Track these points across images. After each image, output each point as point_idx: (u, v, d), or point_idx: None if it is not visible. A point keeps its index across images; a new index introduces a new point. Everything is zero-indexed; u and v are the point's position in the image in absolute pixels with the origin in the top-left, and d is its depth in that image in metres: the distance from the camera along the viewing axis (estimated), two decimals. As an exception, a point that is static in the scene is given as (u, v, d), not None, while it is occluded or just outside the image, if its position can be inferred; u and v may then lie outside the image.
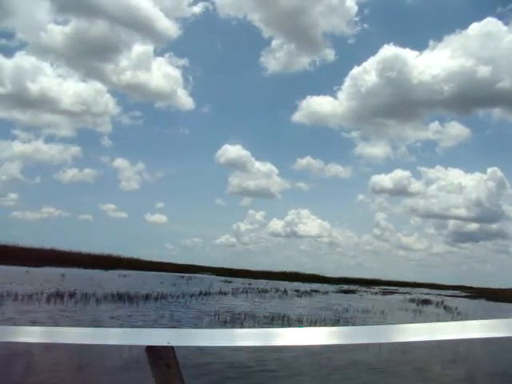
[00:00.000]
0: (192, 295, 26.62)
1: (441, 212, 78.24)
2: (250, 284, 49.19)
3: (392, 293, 56.41)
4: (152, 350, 1.93)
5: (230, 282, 52.33)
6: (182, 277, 52.68)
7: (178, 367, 1.96)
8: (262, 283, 54.19)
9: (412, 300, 41.08)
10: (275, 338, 2.01)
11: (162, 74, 78.38)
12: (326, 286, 61.28)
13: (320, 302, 31.40)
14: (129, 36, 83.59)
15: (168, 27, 75.26)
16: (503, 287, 66.58)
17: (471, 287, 74.67)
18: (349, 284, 67.12)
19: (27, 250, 52.78)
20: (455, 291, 67.76)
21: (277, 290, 41.26)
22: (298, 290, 42.72)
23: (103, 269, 50.58)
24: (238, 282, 51.59)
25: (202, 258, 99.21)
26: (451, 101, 69.51)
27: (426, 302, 39.44)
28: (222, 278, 57.63)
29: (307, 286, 53.86)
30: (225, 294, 32.50)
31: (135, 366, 3.49)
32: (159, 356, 1.93)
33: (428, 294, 58.63)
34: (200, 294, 28.08)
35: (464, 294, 64.23)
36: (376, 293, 54.71)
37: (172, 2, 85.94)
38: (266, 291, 38.62)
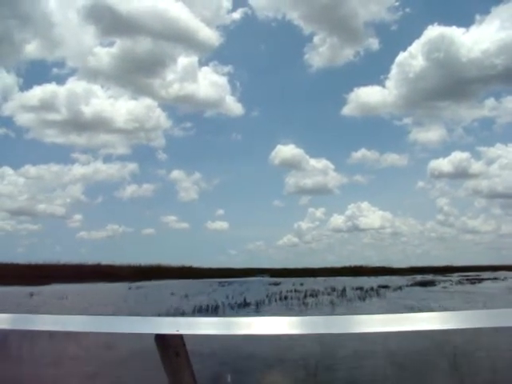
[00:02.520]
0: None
1: (506, 191, 70.28)
2: (301, 284, 40.55)
3: (479, 280, 43.67)
4: (161, 339, 1.92)
5: (277, 284, 41.95)
6: (222, 284, 45.77)
7: (187, 355, 1.95)
8: (318, 282, 45.75)
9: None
10: (287, 327, 1.98)
11: (209, 83, 74.24)
12: (395, 278, 51.75)
13: (394, 306, 19.81)
14: (172, 49, 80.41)
15: (210, 36, 71.19)
16: None
17: None
18: (419, 274, 60.56)
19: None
20: None
21: (333, 290, 30.08)
22: (361, 288, 31.12)
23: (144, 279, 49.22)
24: (289, 283, 42.72)
25: (267, 261, 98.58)
26: (505, 74, 62.15)
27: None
28: (274, 280, 51.02)
29: (374, 281, 43.99)
30: (255, 304, 23.18)
31: (144, 354, 2.83)
32: (168, 344, 1.91)
33: None
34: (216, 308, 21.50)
35: None
36: (459, 282, 42.26)
37: (211, 11, 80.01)
38: (315, 294, 27.60)
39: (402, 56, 67.09)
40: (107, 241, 78.74)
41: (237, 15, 71.76)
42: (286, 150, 73.59)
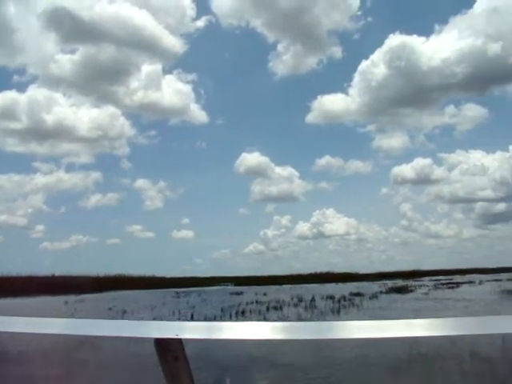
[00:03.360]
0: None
1: (467, 196, 71.47)
2: (265, 294, 36.39)
3: (455, 284, 40.32)
4: (160, 343, 1.91)
5: (239, 293, 37.65)
6: (179, 294, 41.30)
7: (187, 360, 1.93)
8: (284, 290, 42.95)
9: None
10: (283, 332, 2.05)
11: (173, 91, 73.42)
12: (365, 284, 48.87)
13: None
14: (136, 57, 79.63)
15: (174, 44, 70.36)
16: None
17: None
18: (387, 279, 59.88)
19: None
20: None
21: (300, 301, 25.66)
22: (332, 297, 26.79)
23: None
24: (252, 292, 39.28)
25: (233, 269, 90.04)
26: (464, 82, 63.58)
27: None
28: (237, 289, 47.45)
29: (343, 288, 40.41)
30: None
31: (143, 358, 2.81)
32: (167, 348, 1.90)
33: (498, 280, 45.61)
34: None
35: None
36: (435, 287, 38.83)
37: (175, 19, 78.28)
38: (280, 306, 23.16)
39: (364, 64, 67.55)
40: (71, 251, 75.43)
41: (201, 23, 71.18)
42: (251, 158, 72.96)
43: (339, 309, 22.23)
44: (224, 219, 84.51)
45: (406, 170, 69.61)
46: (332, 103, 71.66)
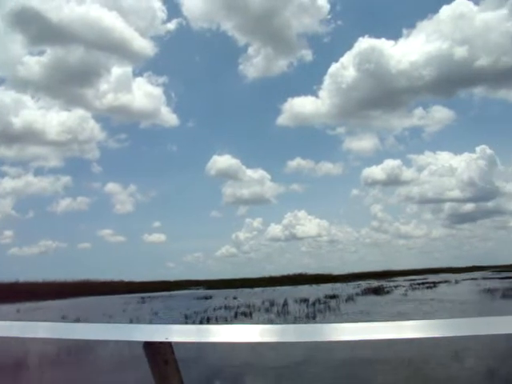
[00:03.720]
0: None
1: (436, 196, 73.55)
2: (235, 298, 34.30)
3: (433, 284, 38.80)
4: (150, 346, 1.91)
5: (208, 298, 35.61)
6: (144, 300, 38.04)
7: (176, 363, 1.92)
8: (256, 293, 41.29)
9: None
10: (274, 335, 2.01)
11: (144, 94, 73.40)
12: (339, 286, 47.33)
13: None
14: (106, 59, 77.85)
15: (144, 47, 70.68)
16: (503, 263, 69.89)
17: (495, 266, 73.27)
18: (359, 279, 59.07)
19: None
20: (485, 272, 63.27)
21: (271, 305, 23.67)
22: (305, 301, 24.76)
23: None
24: (222, 296, 36.58)
25: (205, 272, 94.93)
26: (432, 85, 65.45)
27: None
28: (207, 293, 45.17)
29: (317, 290, 39.06)
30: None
31: (133, 361, 2.84)
32: (157, 352, 1.90)
33: (474, 278, 45.32)
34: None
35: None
36: (412, 287, 37.24)
37: (145, 22, 78.77)
38: (250, 312, 21.20)
39: (334, 67, 68.42)
40: (40, 257, 73.85)
41: (171, 26, 71.22)
42: (222, 161, 73.14)
43: (314, 314, 20.23)
44: (196, 222, 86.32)
45: (376, 171, 70.95)
46: (302, 106, 72.76)
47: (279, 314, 21.10)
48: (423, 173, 72.33)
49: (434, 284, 37.39)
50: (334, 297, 27.70)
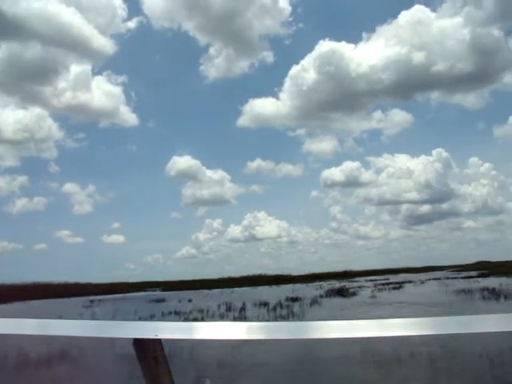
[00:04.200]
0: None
1: (393, 198, 73.17)
2: (190, 301, 31.84)
3: (398, 284, 37.12)
4: (140, 343, 1.89)
5: (161, 301, 32.72)
6: (90, 304, 35.37)
7: (166, 360, 1.91)
8: (213, 295, 38.53)
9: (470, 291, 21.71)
10: (264, 332, 2.01)
11: (103, 93, 71.01)
12: (300, 287, 45.40)
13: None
14: (64, 56, 75.68)
15: (103, 44, 67.73)
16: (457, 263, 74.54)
17: (456, 265, 75.79)
18: (319, 280, 58.11)
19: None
20: (445, 272, 64.38)
21: (228, 310, 21.09)
22: (266, 304, 22.25)
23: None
24: (176, 299, 34.14)
25: (165, 274, 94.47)
26: (391, 89, 67.01)
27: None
28: (161, 296, 41.97)
29: (277, 292, 37.01)
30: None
31: (123, 358, 3.05)
32: (147, 349, 1.89)
33: (437, 278, 43.97)
34: None
35: (476, 273, 52.74)
36: (376, 287, 35.45)
37: (105, 19, 74.00)
38: (201, 318, 18.47)
39: (295, 69, 68.30)
40: None
41: (132, 24, 70.05)
42: (182, 161, 71.84)
43: (276, 321, 17.77)
44: (155, 223, 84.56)
45: (336, 173, 71.03)
46: (263, 107, 72.15)
47: (236, 320, 18.53)
48: (381, 175, 72.79)
49: (400, 285, 35.52)
50: (296, 299, 25.36)
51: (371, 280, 51.18)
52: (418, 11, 63.58)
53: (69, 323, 2.48)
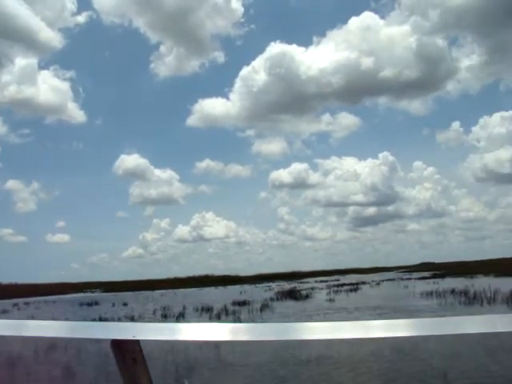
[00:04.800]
0: None
1: (340, 200, 76.36)
2: (124, 304, 28.69)
3: (353, 286, 34.83)
4: (118, 344, 1.82)
5: (92, 304, 29.03)
6: (16, 305, 32.61)
7: (144, 361, 1.85)
8: (154, 297, 35.80)
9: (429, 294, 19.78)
10: (245, 333, 1.92)
11: (50, 88, 68.91)
12: (248, 288, 42.91)
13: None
14: (8, 48, 74.44)
15: (51, 38, 66.44)
16: (402, 264, 77.40)
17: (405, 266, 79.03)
18: (267, 281, 57.44)
19: None
20: (394, 273, 63.88)
21: (163, 317, 17.86)
22: (209, 310, 18.98)
23: None
24: (109, 303, 30.75)
25: (112, 274, 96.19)
26: (340, 92, 68.76)
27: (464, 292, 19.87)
28: (94, 298, 38.29)
29: (224, 294, 34.38)
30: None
31: (101, 359, 3.19)
32: (125, 350, 1.82)
33: (391, 279, 43.07)
34: None
35: (429, 274, 50.73)
36: (330, 289, 32.87)
37: (54, 12, 72.87)
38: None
39: (245, 70, 69.90)
40: None
41: (81, 19, 68.17)
42: (130, 160, 71.86)
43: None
44: (102, 222, 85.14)
45: (284, 174, 72.74)
46: (213, 107, 73.19)
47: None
48: (329, 177, 74.85)
49: (355, 286, 32.97)
50: (244, 303, 22.25)
51: (322, 281, 49.26)
52: (368, 18, 65.64)
53: (46, 324, 2.40)
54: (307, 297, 25.62)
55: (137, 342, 1.81)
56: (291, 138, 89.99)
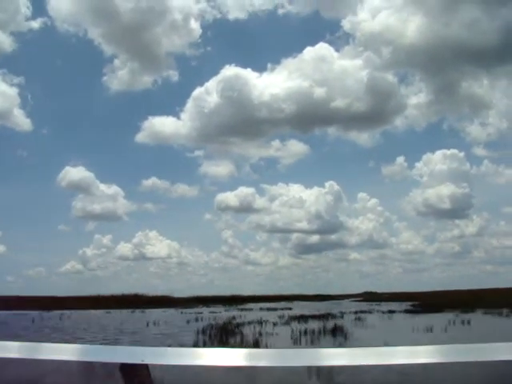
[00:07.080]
0: None
1: (285, 226, 75.35)
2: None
3: (301, 317, 25.26)
4: (126, 368, 1.86)
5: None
6: None
7: None
8: (65, 319, 29.86)
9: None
10: (256, 359, 1.96)
11: None
12: (172, 314, 36.10)
13: None
14: None
15: (1, 41, 62.20)
16: (344, 293, 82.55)
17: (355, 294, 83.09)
18: (205, 304, 55.10)
19: None
20: (346, 301, 64.64)
21: None
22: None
23: None
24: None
25: (48, 289, 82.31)
26: (291, 119, 68.10)
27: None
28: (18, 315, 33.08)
29: (139, 321, 21.26)
30: None
31: (109, 383, 2.80)
32: (134, 374, 1.85)
33: (361, 311, 32.94)
34: None
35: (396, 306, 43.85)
36: (281, 319, 24.08)
37: (6, 14, 69.51)
38: None
39: (198, 91, 68.31)
40: None
41: (35, 24, 64.45)
42: (75, 172, 68.34)
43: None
44: (41, 235, 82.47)
45: (230, 197, 71.42)
46: (163, 125, 72.09)
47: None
48: (275, 203, 73.56)
49: (325, 321, 21.08)
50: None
51: (268, 309, 39.61)
52: (323, 48, 65.58)
53: (56, 347, 2.36)
54: (255, 343, 13.95)
55: (145, 366, 1.83)
56: (240, 162, 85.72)
